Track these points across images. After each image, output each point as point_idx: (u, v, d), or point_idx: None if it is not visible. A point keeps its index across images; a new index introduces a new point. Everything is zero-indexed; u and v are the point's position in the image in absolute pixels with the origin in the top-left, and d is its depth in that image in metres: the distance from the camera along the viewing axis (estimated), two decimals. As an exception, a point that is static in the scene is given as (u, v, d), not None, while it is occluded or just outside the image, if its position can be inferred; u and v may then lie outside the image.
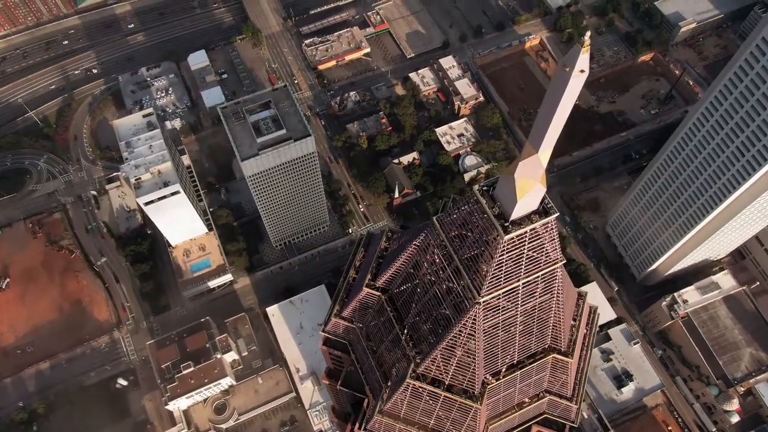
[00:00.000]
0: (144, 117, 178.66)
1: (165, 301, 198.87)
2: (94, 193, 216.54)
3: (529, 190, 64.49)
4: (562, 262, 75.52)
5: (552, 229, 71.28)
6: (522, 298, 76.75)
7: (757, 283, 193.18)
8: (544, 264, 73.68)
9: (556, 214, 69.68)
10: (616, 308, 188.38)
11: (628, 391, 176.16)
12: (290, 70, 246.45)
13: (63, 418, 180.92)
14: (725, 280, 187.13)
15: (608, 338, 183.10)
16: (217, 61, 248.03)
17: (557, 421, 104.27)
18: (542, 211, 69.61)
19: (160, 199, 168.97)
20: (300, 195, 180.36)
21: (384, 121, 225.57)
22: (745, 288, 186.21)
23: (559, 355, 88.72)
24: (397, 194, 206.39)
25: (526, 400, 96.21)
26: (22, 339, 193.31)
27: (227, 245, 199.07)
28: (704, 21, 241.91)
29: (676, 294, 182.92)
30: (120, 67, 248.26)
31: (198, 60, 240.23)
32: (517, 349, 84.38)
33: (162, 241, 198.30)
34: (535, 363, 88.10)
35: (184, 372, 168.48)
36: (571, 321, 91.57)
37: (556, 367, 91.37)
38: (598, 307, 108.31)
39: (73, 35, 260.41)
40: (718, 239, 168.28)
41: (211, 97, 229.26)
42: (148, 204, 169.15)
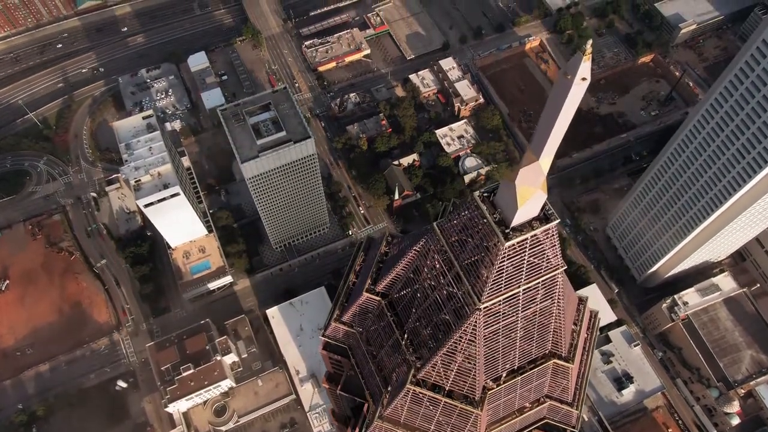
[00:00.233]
0: (144, 119, 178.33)
1: (165, 303, 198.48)
2: (94, 194, 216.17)
3: (530, 197, 64.29)
4: (563, 268, 75.27)
5: (553, 235, 71.13)
6: (523, 303, 76.56)
7: (758, 285, 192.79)
8: (545, 270, 73.49)
9: (557, 221, 69.47)
10: (616, 310, 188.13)
11: (629, 393, 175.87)
12: (290, 72, 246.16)
13: (62, 421, 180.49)
14: (726, 282, 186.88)
15: (608, 340, 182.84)
16: (217, 63, 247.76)
17: (558, 425, 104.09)
18: (543, 218, 69.43)
19: (159, 201, 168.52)
20: (300, 197, 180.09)
21: (384, 122, 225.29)
22: (745, 290, 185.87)
23: (560, 361, 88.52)
24: (397, 196, 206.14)
25: (527, 405, 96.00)
26: (22, 341, 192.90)
27: (227, 247, 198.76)
28: (704, 22, 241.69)
29: (676, 296, 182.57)
30: (120, 68, 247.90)
31: (198, 61, 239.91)
32: (518, 354, 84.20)
33: (162, 242, 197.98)
34: (536, 368, 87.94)
35: (184, 374, 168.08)
36: (572, 326, 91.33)
37: (557, 373, 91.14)
38: (599, 310, 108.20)
39: (73, 37, 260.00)
40: (719, 241, 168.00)
41: (211, 98, 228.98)
42: (147, 206, 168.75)
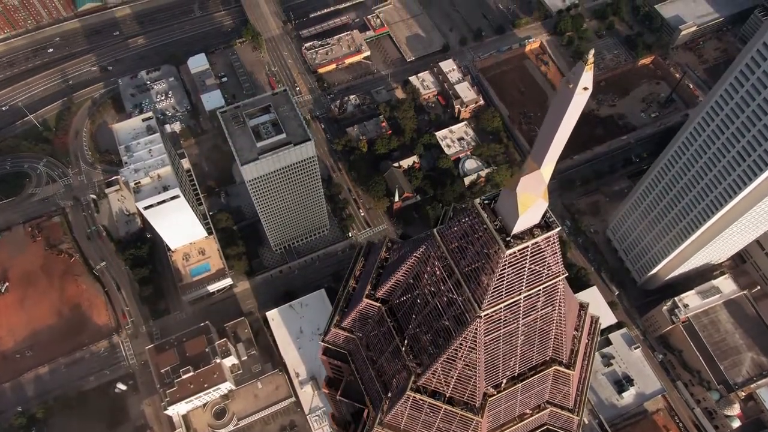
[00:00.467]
0: (143, 121, 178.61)
1: (164, 305, 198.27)
2: (94, 196, 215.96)
3: (532, 205, 64.06)
4: (564, 275, 75.03)
5: (554, 242, 70.88)
6: (524, 311, 76.34)
7: (758, 287, 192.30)
8: (546, 277, 73.29)
9: (558, 228, 69.18)
10: (616, 313, 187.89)
11: (629, 395, 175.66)
12: (290, 74, 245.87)
13: (62, 423, 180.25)
14: (726, 285, 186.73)
15: (609, 343, 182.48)
16: (217, 65, 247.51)
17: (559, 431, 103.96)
18: (544, 225, 69.14)
19: (159, 203, 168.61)
20: (300, 199, 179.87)
21: (384, 124, 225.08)
22: (745, 292, 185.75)
23: (561, 367, 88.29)
24: (397, 198, 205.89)
25: (528, 412, 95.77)
26: (21, 343, 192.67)
27: (227, 249, 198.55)
28: (704, 24, 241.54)
29: (676, 298, 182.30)
30: (120, 70, 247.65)
31: (198, 63, 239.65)
32: (519, 361, 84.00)
33: (161, 245, 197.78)
34: (537, 375, 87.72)
35: (184, 377, 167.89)
36: (572, 332, 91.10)
37: (558, 379, 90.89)
38: (599, 313, 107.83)
39: (73, 38, 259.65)
40: (719, 244, 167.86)
41: (211, 100, 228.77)
42: (147, 208, 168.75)
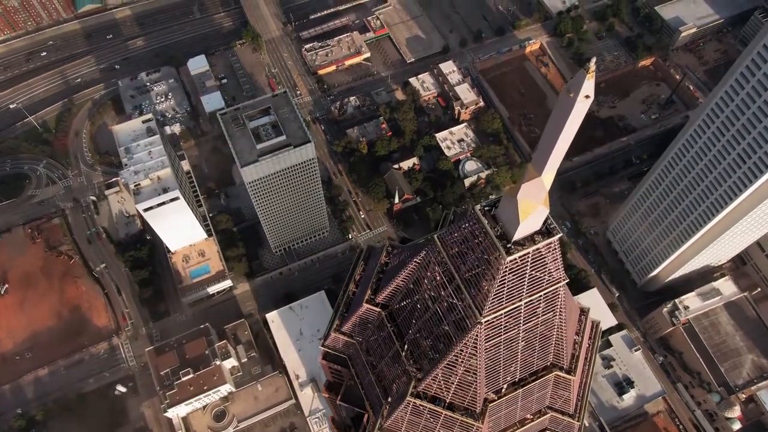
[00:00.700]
0: (143, 123, 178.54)
1: (164, 307, 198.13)
2: (94, 198, 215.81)
3: (532, 212, 63.92)
4: (566, 281, 74.88)
5: (555, 249, 70.74)
6: (524, 317, 76.21)
7: (759, 289, 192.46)
8: (547, 284, 73.13)
9: (559, 235, 69.05)
10: (616, 314, 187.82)
11: (629, 397, 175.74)
12: (290, 75, 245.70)
13: (61, 426, 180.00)
14: (726, 287, 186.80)
15: (609, 344, 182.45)
16: (217, 66, 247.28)
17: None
18: (545, 231, 68.98)
19: (159, 205, 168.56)
20: (300, 201, 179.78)
21: (384, 126, 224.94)
22: (746, 294, 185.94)
23: (562, 373, 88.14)
24: (397, 200, 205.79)
25: (528, 417, 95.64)
26: (21, 345, 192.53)
27: (227, 251, 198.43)
28: (704, 26, 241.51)
29: (677, 300, 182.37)
30: (120, 71, 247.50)
31: (198, 65, 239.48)
32: (519, 366, 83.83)
33: (161, 246, 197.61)
34: (538, 380, 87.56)
35: (183, 379, 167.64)
36: (573, 337, 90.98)
37: (559, 384, 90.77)
38: (600, 315, 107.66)
39: (73, 40, 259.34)
40: (720, 245, 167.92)
41: (211, 102, 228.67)
42: (147, 210, 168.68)
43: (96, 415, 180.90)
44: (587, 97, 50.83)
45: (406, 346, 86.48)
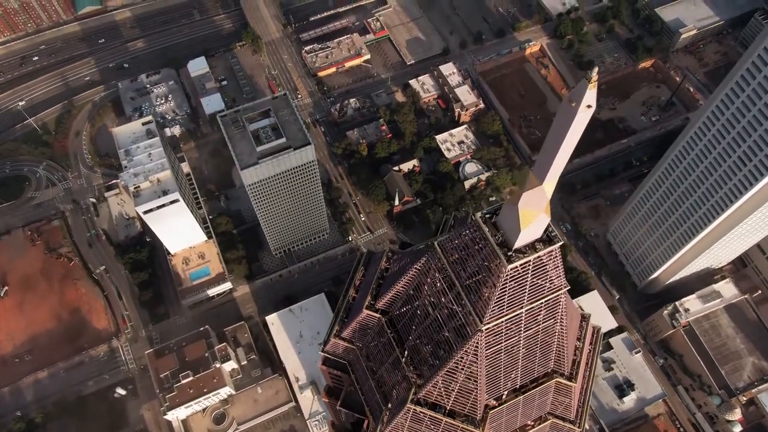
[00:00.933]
0: (143, 125, 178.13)
1: (164, 309, 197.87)
2: (93, 200, 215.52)
3: (533, 220, 63.69)
4: (567, 288, 74.63)
5: (556, 256, 70.47)
6: (525, 324, 76.00)
7: (759, 291, 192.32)
8: (548, 291, 72.92)
9: (560, 243, 68.76)
10: (617, 317, 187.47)
11: (630, 400, 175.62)
12: (290, 77, 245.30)
13: (61, 428, 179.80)
14: (727, 289, 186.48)
15: (609, 347, 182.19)
16: (217, 68, 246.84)
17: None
18: (546, 239, 68.72)
19: (159, 207, 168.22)
20: (300, 203, 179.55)
21: (384, 128, 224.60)
22: (746, 296, 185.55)
23: (563, 379, 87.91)
24: (397, 202, 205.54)
25: (529, 423, 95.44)
26: (20, 347, 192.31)
27: (227, 253, 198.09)
28: (705, 27, 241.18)
29: (677, 303, 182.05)
30: (120, 73, 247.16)
31: (198, 67, 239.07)
32: (520, 373, 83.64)
33: (161, 249, 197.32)
34: (539, 387, 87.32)
35: (183, 381, 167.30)
36: (574, 344, 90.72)
37: (560, 391, 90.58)
38: (600, 316, 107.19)
39: (73, 42, 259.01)
40: (720, 248, 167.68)
41: (211, 104, 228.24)
42: (147, 212, 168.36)
43: (95, 418, 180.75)
44: (589, 106, 50.68)
45: (407, 353, 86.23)
